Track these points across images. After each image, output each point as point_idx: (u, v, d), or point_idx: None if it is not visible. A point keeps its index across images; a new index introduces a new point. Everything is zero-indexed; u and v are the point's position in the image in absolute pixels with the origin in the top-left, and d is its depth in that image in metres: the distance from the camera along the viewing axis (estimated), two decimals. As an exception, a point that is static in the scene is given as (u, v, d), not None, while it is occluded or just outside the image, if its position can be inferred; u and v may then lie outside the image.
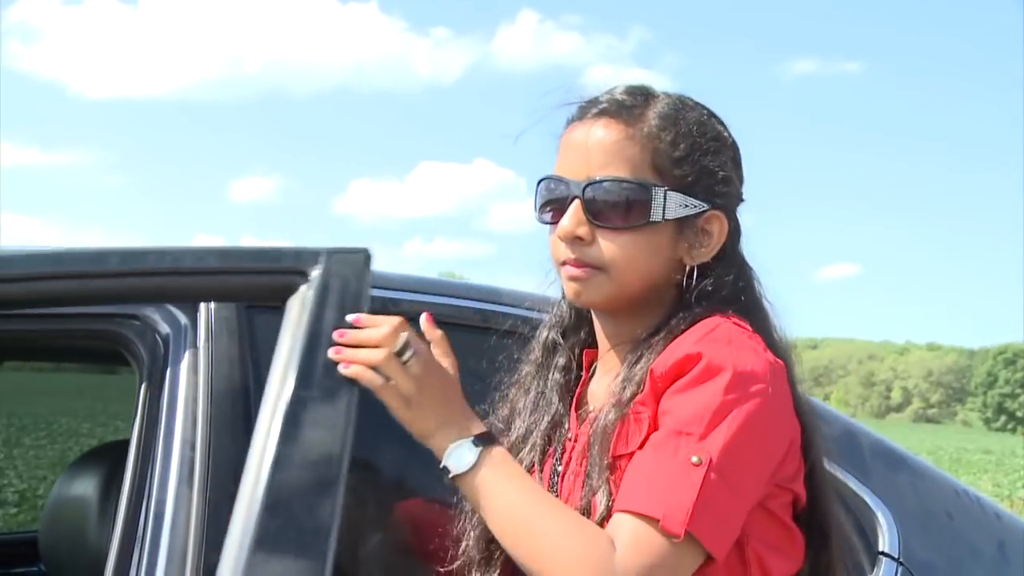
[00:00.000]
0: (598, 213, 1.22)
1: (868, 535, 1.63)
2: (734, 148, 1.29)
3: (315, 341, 1.23)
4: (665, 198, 1.21)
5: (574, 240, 1.23)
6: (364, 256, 1.33)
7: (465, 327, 1.60)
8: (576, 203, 1.23)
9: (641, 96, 1.26)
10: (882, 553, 1.62)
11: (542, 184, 1.29)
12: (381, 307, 1.59)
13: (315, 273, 1.28)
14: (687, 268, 1.24)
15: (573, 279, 1.24)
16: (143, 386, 1.47)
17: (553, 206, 1.27)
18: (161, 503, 1.39)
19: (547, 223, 1.29)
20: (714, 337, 1.17)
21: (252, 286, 1.37)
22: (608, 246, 1.22)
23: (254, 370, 1.46)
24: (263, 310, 1.50)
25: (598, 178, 1.22)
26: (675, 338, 1.20)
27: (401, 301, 1.61)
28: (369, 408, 1.25)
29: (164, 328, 1.48)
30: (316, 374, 1.21)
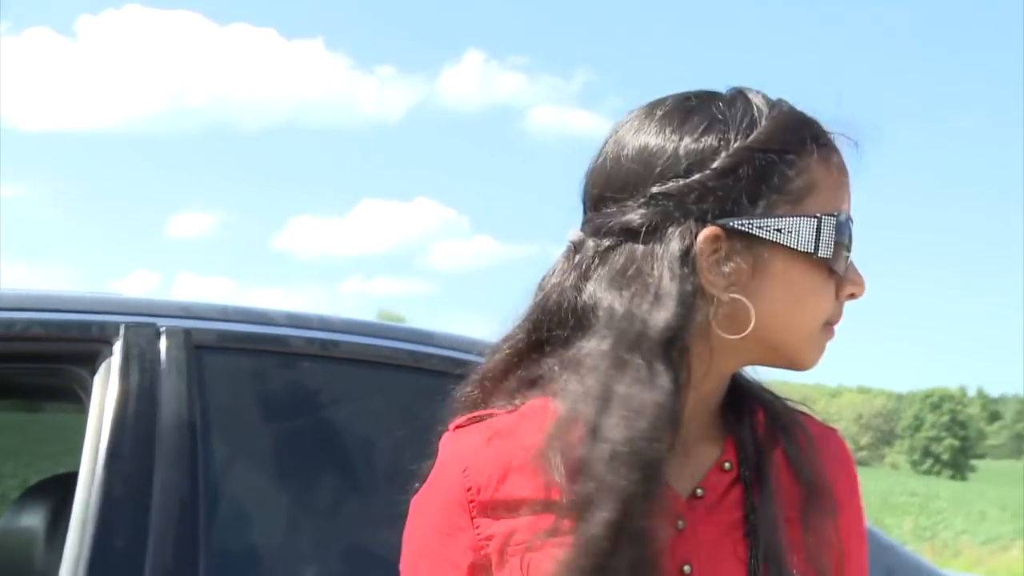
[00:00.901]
0: None
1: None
2: None
3: (124, 400, 1.48)
4: None
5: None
6: (155, 330, 1.59)
7: (399, 367, 1.72)
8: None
9: None
10: None
11: (850, 223, 1.01)
12: (321, 348, 1.71)
13: (118, 343, 1.55)
14: None
15: (829, 343, 1.03)
16: (92, 420, 1.56)
17: (845, 254, 1.00)
18: (110, 533, 1.48)
19: (831, 274, 1.00)
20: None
21: (63, 352, 1.63)
22: None
23: (201, 406, 1.56)
24: (211, 351, 1.60)
25: None
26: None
27: (340, 343, 1.72)
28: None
29: (115, 364, 1.58)
30: (128, 427, 1.49)
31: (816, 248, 0.97)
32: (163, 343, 1.60)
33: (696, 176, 0.96)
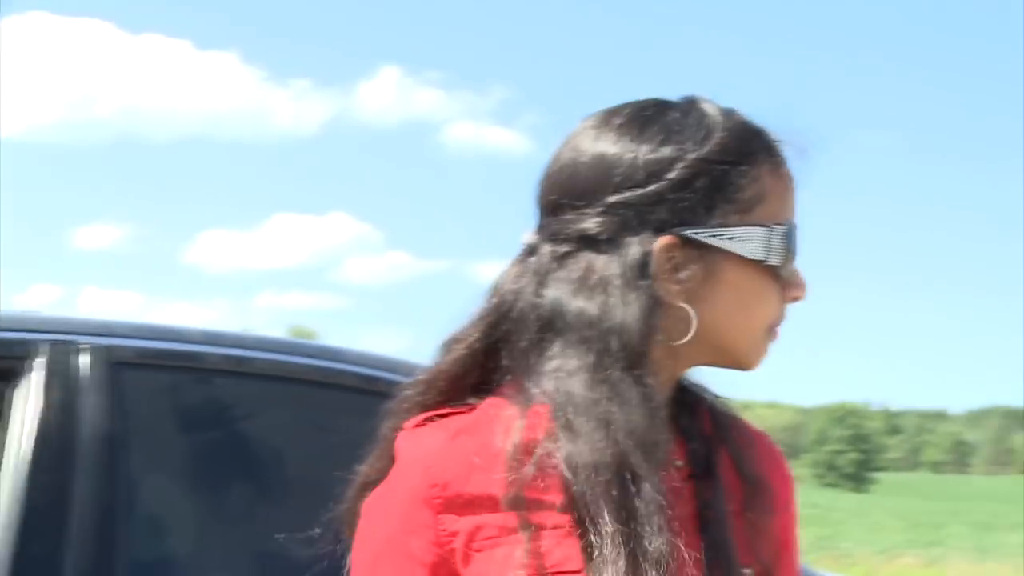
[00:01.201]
0: None
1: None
2: None
3: (45, 414, 1.58)
4: None
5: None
6: (75, 347, 1.68)
7: (309, 383, 1.82)
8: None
9: None
10: None
11: (796, 231, 1.05)
12: (235, 364, 1.80)
13: (40, 360, 1.64)
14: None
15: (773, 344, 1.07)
16: (13, 433, 1.63)
17: (792, 259, 1.04)
18: (31, 540, 1.55)
19: (777, 280, 1.04)
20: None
21: None
22: None
23: (120, 420, 1.65)
24: (129, 367, 1.69)
25: None
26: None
27: (253, 359, 1.82)
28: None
29: (37, 381, 1.65)
30: (49, 439, 1.58)
31: (766, 256, 1.01)
32: (83, 360, 1.68)
33: (653, 186, 0.98)
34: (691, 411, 1.07)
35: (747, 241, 1.00)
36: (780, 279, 1.02)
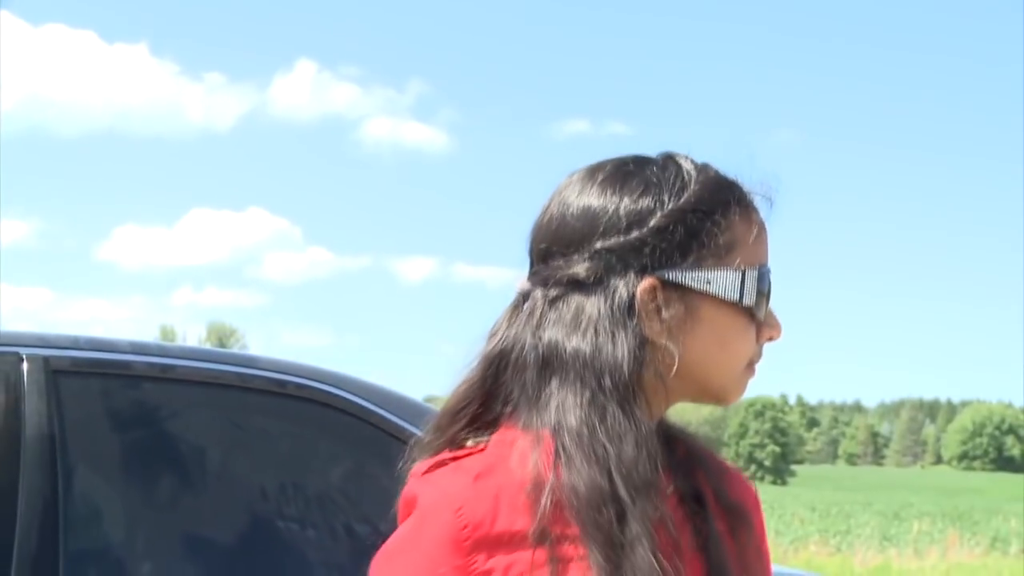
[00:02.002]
0: None
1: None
2: None
3: None
4: None
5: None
6: (18, 357, 1.86)
7: (227, 387, 2.06)
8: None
9: None
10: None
11: (769, 275, 1.12)
12: (160, 371, 2.03)
13: None
14: None
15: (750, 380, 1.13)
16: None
17: (765, 302, 1.11)
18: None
19: (752, 320, 1.11)
20: None
21: None
22: None
23: (59, 422, 1.87)
24: (66, 375, 1.91)
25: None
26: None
27: (176, 367, 2.05)
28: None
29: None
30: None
31: (740, 297, 1.07)
32: (25, 368, 1.90)
33: (635, 233, 1.05)
34: (669, 444, 1.12)
35: (722, 283, 1.07)
36: (755, 319, 1.09)
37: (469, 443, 1.04)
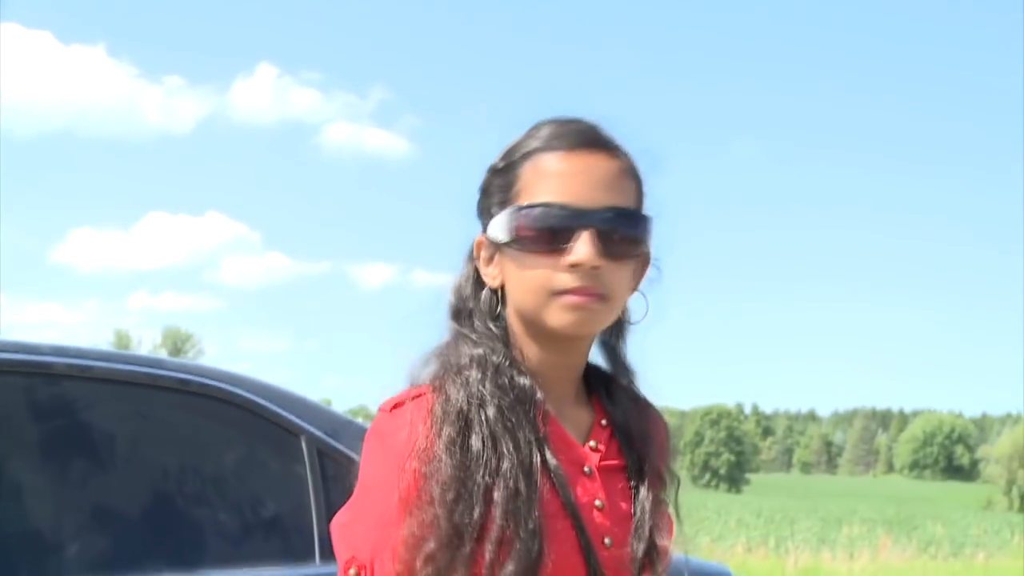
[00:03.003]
0: (612, 243, 1.19)
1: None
2: None
3: None
4: (651, 228, 1.25)
5: (590, 270, 1.18)
6: None
7: (137, 385, 2.38)
8: (591, 232, 1.18)
9: (603, 131, 1.26)
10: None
11: (531, 211, 1.20)
12: (79, 371, 2.34)
13: None
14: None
15: (579, 308, 1.19)
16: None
17: (548, 235, 1.19)
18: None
19: (531, 252, 1.20)
20: None
21: None
22: (615, 276, 1.20)
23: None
24: (-6, 373, 2.23)
25: (610, 206, 1.20)
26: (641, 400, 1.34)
27: (92, 367, 2.36)
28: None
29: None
30: None
31: (513, 233, 1.21)
32: (-44, 368, 2.21)
33: (479, 196, 1.29)
34: (601, 383, 1.32)
35: (500, 225, 1.22)
36: (547, 250, 1.19)
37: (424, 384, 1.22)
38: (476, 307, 1.26)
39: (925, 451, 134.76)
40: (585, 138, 1.22)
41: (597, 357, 1.35)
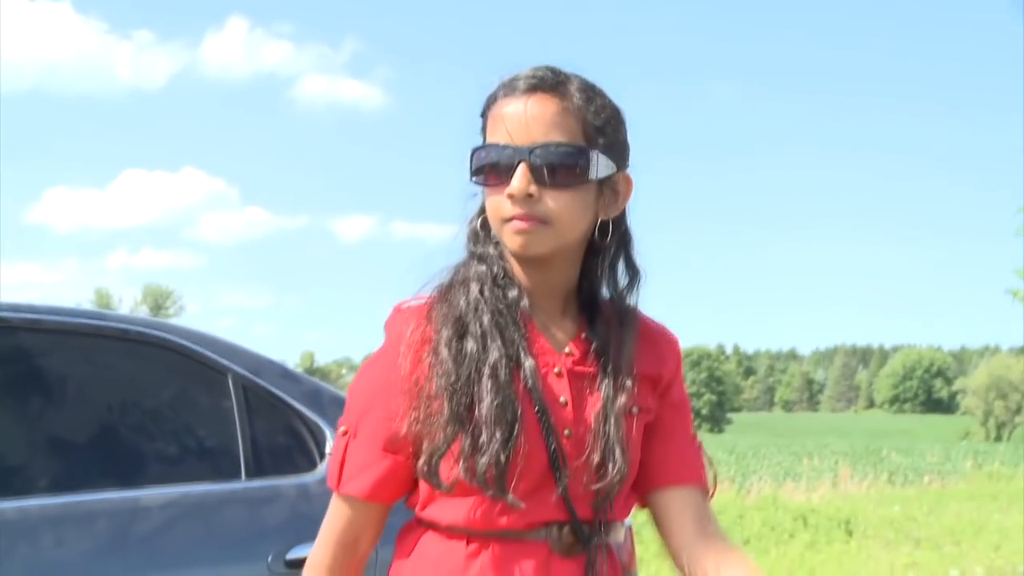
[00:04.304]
0: (546, 173, 1.32)
1: (321, 443, 2.94)
2: (626, 122, 1.43)
3: None
4: (598, 160, 1.35)
5: (525, 198, 1.32)
6: None
7: (83, 334, 2.78)
8: (523, 165, 1.32)
9: (560, 75, 1.37)
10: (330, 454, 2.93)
11: (481, 151, 1.38)
12: (32, 324, 2.74)
13: None
14: (599, 221, 1.40)
15: (521, 232, 1.34)
16: None
17: (494, 170, 1.35)
18: None
19: (487, 186, 1.38)
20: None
21: None
22: (554, 202, 1.33)
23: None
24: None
25: (544, 142, 1.33)
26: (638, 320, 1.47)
27: (43, 320, 2.76)
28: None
29: None
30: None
31: (471, 171, 1.40)
32: (-74, 323, 2.60)
33: None
34: (597, 304, 1.45)
35: (468, 164, 1.41)
36: (495, 184, 1.36)
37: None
38: (483, 232, 1.43)
39: (905, 386, 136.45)
40: (529, 84, 1.36)
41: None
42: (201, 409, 2.92)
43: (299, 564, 2.66)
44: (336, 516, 1.45)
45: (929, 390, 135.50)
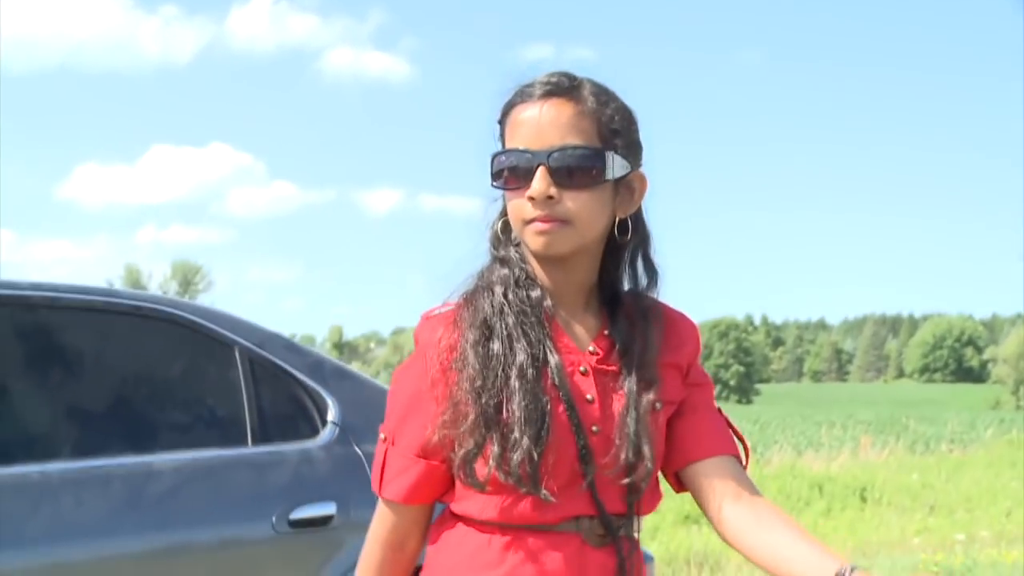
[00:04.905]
0: (565, 176, 1.37)
1: (323, 411, 3.13)
2: (637, 122, 1.46)
3: None
4: (614, 161, 1.39)
5: (546, 200, 1.36)
6: None
7: (98, 311, 2.97)
8: (542, 168, 1.36)
9: (574, 80, 1.41)
10: (331, 421, 3.12)
11: (501, 156, 1.42)
12: (51, 301, 2.93)
13: None
14: (616, 220, 1.44)
15: (543, 233, 1.38)
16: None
17: (514, 174, 1.40)
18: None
19: (507, 189, 1.42)
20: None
21: None
22: (573, 203, 1.37)
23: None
24: (-18, 304, 2.84)
25: (562, 145, 1.37)
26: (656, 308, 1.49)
27: (62, 298, 2.95)
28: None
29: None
30: None
31: (492, 176, 1.44)
32: (-48, 301, 2.81)
33: None
34: (617, 300, 1.48)
35: (489, 170, 1.44)
36: (516, 187, 1.40)
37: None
38: (504, 236, 1.47)
39: (935, 355, 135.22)
40: (544, 89, 1.40)
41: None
42: (209, 380, 3.12)
43: (301, 524, 2.89)
44: (381, 519, 1.50)
45: (960, 359, 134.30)
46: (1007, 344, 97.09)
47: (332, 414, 3.13)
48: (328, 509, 2.97)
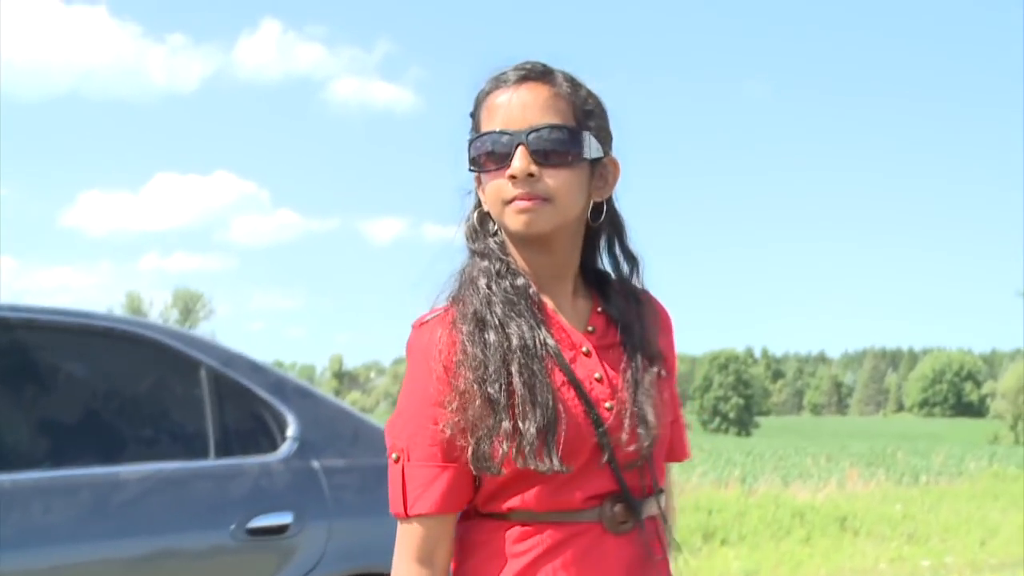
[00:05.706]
0: (544, 154, 1.38)
1: (283, 427, 3.33)
2: (607, 112, 1.48)
3: None
4: (590, 141, 1.41)
5: (527, 178, 1.37)
6: None
7: (71, 331, 3.18)
8: (522, 147, 1.37)
9: (546, 67, 1.43)
10: (291, 437, 3.32)
11: (478, 140, 1.42)
12: (27, 323, 3.14)
13: None
14: (591, 204, 1.46)
15: (524, 211, 1.38)
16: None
17: (492, 158, 1.40)
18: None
19: (485, 172, 1.42)
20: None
21: None
22: (553, 181, 1.38)
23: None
24: (-37, 324, 3.05)
25: (541, 124, 1.38)
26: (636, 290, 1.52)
27: (38, 319, 3.15)
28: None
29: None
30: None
31: (472, 163, 1.45)
32: (-63, 321, 3.01)
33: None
34: (604, 280, 1.52)
35: (468, 155, 1.46)
36: (495, 168, 1.40)
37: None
38: (481, 228, 1.48)
39: (934, 389, 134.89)
40: (519, 75, 1.42)
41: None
42: (175, 396, 3.34)
43: (259, 532, 3.09)
44: (408, 537, 1.42)
45: (959, 393, 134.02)
46: (1006, 379, 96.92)
47: (292, 430, 3.33)
48: (284, 519, 3.17)
